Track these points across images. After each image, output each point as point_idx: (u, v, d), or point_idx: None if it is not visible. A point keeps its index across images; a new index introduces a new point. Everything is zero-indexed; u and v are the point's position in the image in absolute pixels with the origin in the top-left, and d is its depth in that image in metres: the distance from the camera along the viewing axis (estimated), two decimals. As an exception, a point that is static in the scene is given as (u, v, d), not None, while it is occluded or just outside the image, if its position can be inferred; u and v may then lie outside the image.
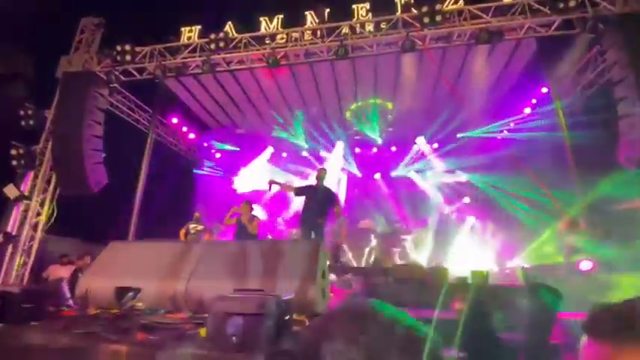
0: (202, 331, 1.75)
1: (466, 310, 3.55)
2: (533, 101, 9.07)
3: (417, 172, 11.30)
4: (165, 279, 2.67)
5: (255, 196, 11.66)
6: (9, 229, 7.01)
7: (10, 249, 6.92)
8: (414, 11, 6.62)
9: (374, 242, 9.21)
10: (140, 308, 2.57)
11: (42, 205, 7.44)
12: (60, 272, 6.98)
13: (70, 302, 3.27)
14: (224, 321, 1.46)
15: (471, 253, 9.07)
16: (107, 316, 2.38)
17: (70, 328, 1.99)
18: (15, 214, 7.18)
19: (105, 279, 2.85)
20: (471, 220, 10.15)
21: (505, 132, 9.99)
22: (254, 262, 2.61)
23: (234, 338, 1.45)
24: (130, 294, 2.70)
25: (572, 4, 6.00)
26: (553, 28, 6.36)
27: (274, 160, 11.89)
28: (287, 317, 1.59)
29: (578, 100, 7.70)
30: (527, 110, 9.23)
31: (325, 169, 6.12)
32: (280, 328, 1.48)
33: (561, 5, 6.02)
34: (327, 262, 2.78)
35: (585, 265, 6.33)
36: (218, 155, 11.97)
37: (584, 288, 4.97)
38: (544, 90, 8.58)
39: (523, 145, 9.06)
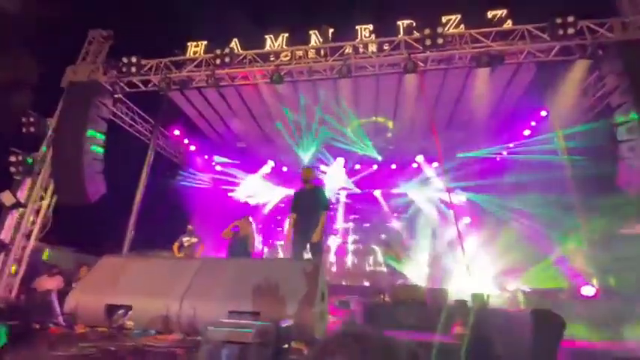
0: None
1: (467, 335, 3.44)
2: (533, 124, 9.15)
3: (416, 190, 11.28)
4: (157, 297, 2.58)
5: (252, 211, 11.65)
6: (2, 236, 6.88)
7: (1, 257, 6.77)
8: (416, 34, 6.75)
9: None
10: (130, 327, 2.48)
11: (37, 213, 7.34)
12: (47, 284, 6.82)
13: (60, 318, 3.16)
14: (219, 350, 1.38)
15: (471, 274, 8.90)
16: (95, 336, 2.29)
17: (54, 348, 1.90)
18: (10, 222, 7.07)
19: (95, 295, 2.76)
20: (470, 240, 10.03)
21: (504, 153, 10.05)
22: (251, 282, 2.53)
23: (228, 368, 1.37)
24: (121, 311, 2.60)
25: (571, 31, 6.13)
26: (552, 53, 6.48)
27: (274, 174, 11.89)
28: (285, 345, 1.51)
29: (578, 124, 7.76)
30: (527, 132, 9.30)
31: (310, 168, 4.94)
32: (278, 358, 1.41)
33: (561, 32, 6.14)
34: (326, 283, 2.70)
35: (588, 290, 6.22)
36: (218, 168, 11.97)
37: (587, 314, 4.86)
38: (543, 113, 8.66)
39: (523, 166, 9.06)
